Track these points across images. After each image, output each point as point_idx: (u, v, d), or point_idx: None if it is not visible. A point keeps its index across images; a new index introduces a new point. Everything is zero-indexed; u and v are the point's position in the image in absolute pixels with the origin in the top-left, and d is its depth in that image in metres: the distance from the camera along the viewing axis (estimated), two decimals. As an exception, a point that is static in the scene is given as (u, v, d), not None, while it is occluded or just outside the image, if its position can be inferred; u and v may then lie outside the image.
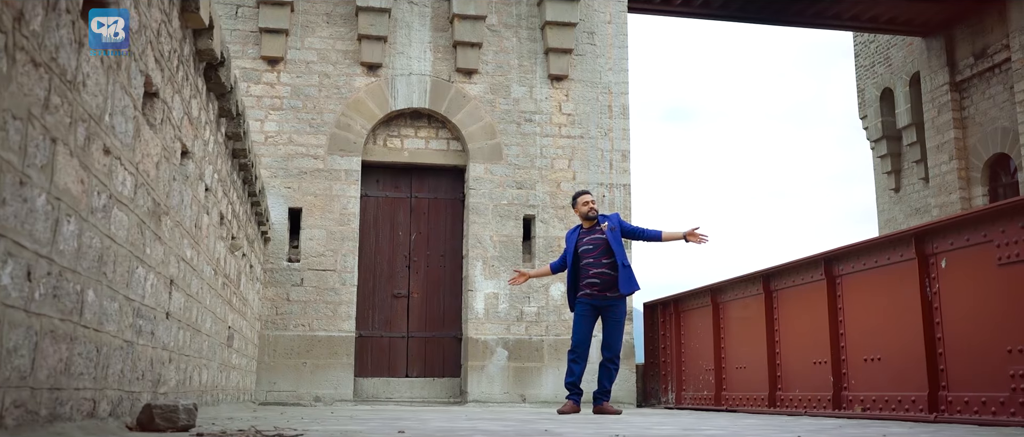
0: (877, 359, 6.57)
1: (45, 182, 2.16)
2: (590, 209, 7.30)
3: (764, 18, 14.06)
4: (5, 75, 1.86)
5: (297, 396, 9.68)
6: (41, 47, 2.08)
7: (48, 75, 2.14)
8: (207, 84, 4.74)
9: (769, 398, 7.99)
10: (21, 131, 1.97)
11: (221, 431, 2.95)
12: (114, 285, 2.92)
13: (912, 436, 3.79)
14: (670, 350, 10.41)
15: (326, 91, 10.39)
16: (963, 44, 14.26)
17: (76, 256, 2.46)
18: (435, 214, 10.79)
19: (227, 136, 5.74)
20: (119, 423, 2.98)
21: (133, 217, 3.13)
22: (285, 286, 9.92)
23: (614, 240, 7.09)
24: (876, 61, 17.04)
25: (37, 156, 2.09)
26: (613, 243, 7.05)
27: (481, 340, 10.19)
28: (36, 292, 2.14)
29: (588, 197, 7.38)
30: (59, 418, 2.39)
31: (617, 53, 11.09)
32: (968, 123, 14.27)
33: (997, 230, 5.37)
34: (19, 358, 2.05)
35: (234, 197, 6.47)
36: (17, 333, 2.02)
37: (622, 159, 10.90)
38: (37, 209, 2.12)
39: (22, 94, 1.97)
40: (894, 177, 16.78)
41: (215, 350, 5.83)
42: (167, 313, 3.92)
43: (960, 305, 5.73)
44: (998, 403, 5.28)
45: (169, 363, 4.06)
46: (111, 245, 2.85)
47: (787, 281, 7.89)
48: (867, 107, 17.28)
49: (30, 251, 2.08)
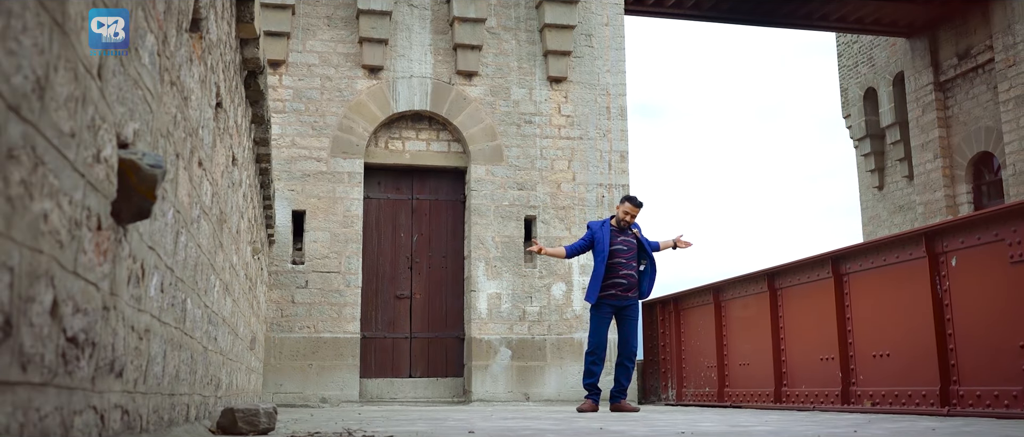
0: (886, 355, 6.75)
1: (172, 196, 2.25)
2: (625, 220, 7.50)
3: (753, 20, 14.27)
4: (156, 95, 1.94)
5: (303, 398, 9.74)
6: (173, 66, 2.17)
7: (178, 94, 2.23)
8: (246, 92, 4.82)
9: (775, 394, 8.15)
10: (163, 149, 2.06)
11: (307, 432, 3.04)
12: (199, 292, 3.00)
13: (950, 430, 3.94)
14: (670, 348, 10.56)
15: (328, 94, 10.44)
16: (947, 45, 14.55)
17: (183, 266, 2.55)
18: (436, 215, 10.88)
19: (255, 142, 5.81)
20: (203, 427, 3.07)
21: (211, 226, 3.21)
22: (290, 288, 9.97)
23: (646, 246, 7.39)
24: (859, 61, 17.33)
25: (169, 171, 2.18)
26: (646, 248, 7.35)
27: (484, 340, 10.30)
28: (165, 302, 2.23)
29: (633, 208, 7.55)
30: (174, 423, 2.47)
31: (614, 55, 11.23)
32: (952, 122, 14.56)
33: (1009, 229, 5.55)
34: (156, 365, 2.14)
35: (256, 201, 6.53)
36: (156, 342, 2.11)
37: (620, 160, 11.05)
38: (169, 223, 2.20)
39: (164, 113, 2.06)
40: (878, 175, 17.07)
41: (243, 353, 5.90)
42: (223, 318, 4.00)
43: (971, 302, 5.92)
44: (1011, 396, 5.46)
45: (223, 367, 4.14)
46: (200, 255, 2.93)
47: (793, 279, 8.06)
48: (850, 106, 17.56)
49: (164, 264, 2.17)
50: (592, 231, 7.59)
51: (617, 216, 7.53)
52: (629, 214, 7.45)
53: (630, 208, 7.48)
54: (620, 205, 7.58)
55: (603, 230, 7.54)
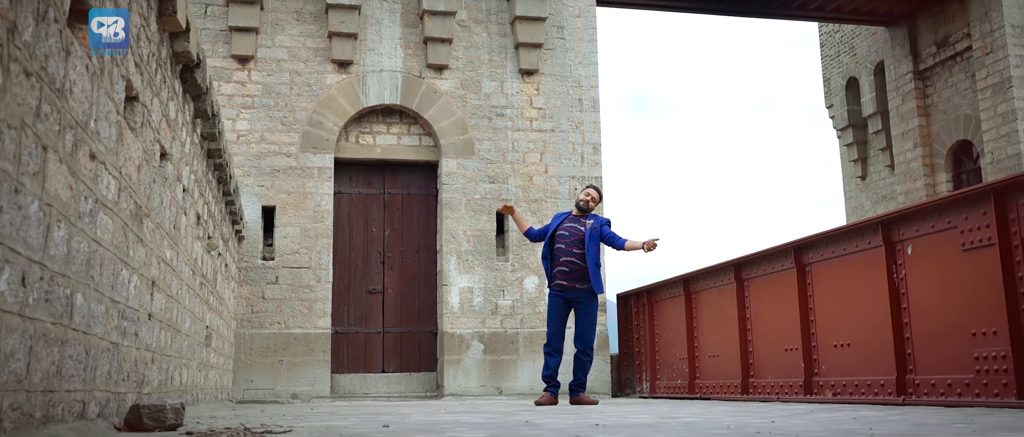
0: (847, 345, 6.72)
1: (38, 189, 2.21)
2: (586, 202, 7.43)
3: (732, 10, 14.20)
4: (0, 86, 1.90)
5: (274, 394, 9.70)
6: (32, 57, 2.13)
7: (39, 84, 2.18)
8: (184, 86, 4.77)
9: (742, 385, 8.13)
10: (16, 140, 2.01)
11: (209, 429, 3.00)
12: (100, 288, 2.96)
13: (881, 419, 3.91)
14: (644, 340, 10.54)
15: (297, 89, 10.39)
16: (926, 33, 14.50)
17: (66, 260, 2.50)
18: (408, 210, 10.84)
19: (203, 137, 5.76)
20: (108, 424, 3.02)
21: (117, 221, 3.17)
22: (260, 284, 9.93)
23: (590, 238, 7.23)
24: (841, 50, 17.28)
25: (30, 164, 2.14)
26: (588, 240, 7.19)
27: (456, 334, 10.26)
28: (30, 297, 2.18)
29: (595, 193, 7.50)
30: (52, 420, 2.43)
31: (586, 47, 11.18)
32: (932, 111, 14.52)
33: (961, 217, 5.52)
34: (15, 362, 2.09)
35: (210, 197, 6.48)
36: (13, 338, 2.07)
37: (593, 152, 11.01)
38: (30, 216, 2.16)
39: (16, 104, 2.01)
40: (860, 165, 17.04)
41: (194, 350, 5.85)
42: (149, 314, 3.95)
43: (926, 291, 5.88)
44: (963, 385, 5.44)
45: (152, 364, 4.10)
46: (98, 249, 2.89)
47: (758, 270, 8.03)
48: (833, 96, 17.52)
49: (24, 257, 2.12)
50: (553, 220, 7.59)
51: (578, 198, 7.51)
52: (587, 196, 7.43)
53: (588, 192, 7.45)
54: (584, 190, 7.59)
55: (558, 218, 7.52)
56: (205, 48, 10.07)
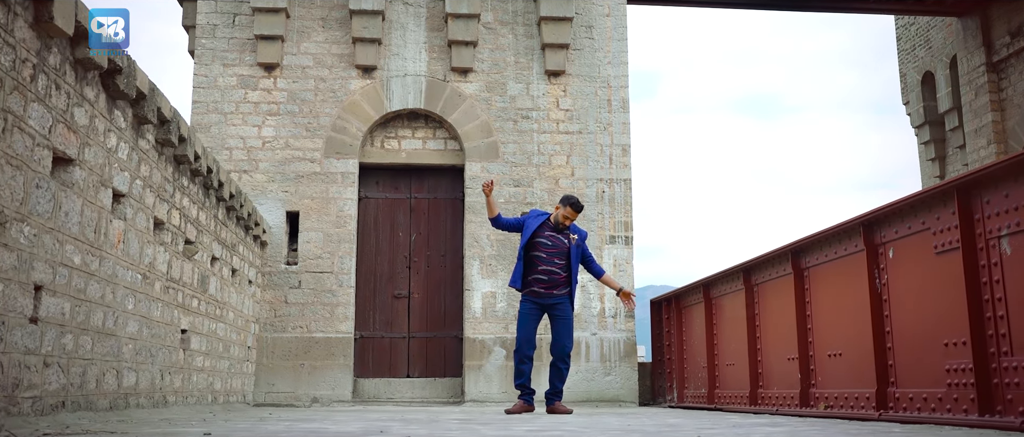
0: (838, 355, 6.31)
1: None
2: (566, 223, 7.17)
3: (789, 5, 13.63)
4: None
5: (295, 397, 9.79)
6: None
7: None
8: (106, 91, 4.80)
9: (751, 396, 7.74)
10: None
11: None
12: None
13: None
14: (673, 348, 10.20)
15: (322, 95, 10.48)
16: (999, 23, 13.61)
17: None
18: (435, 214, 10.79)
19: (159, 142, 5.82)
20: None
21: None
22: (283, 289, 10.04)
23: (575, 255, 7.05)
24: (917, 44, 16.41)
25: None
26: (573, 257, 7.03)
27: (478, 339, 10.15)
28: None
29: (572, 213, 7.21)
30: None
31: (616, 46, 10.91)
32: (1006, 105, 13.62)
33: (933, 217, 5.09)
34: None
35: (184, 202, 6.55)
36: None
37: (622, 153, 10.72)
38: None
39: None
40: (938, 164, 16.12)
41: (154, 352, 5.91)
42: (33, 319, 3.98)
43: (906, 297, 5.46)
44: (937, 399, 5.01)
45: (46, 368, 4.13)
46: None
47: (764, 275, 7.64)
48: (909, 92, 16.65)
49: None
50: (527, 217, 7.33)
51: (555, 216, 7.21)
52: (567, 218, 7.14)
53: (569, 211, 7.14)
54: (559, 206, 7.24)
55: (536, 220, 7.27)
56: (232, 56, 10.28)
